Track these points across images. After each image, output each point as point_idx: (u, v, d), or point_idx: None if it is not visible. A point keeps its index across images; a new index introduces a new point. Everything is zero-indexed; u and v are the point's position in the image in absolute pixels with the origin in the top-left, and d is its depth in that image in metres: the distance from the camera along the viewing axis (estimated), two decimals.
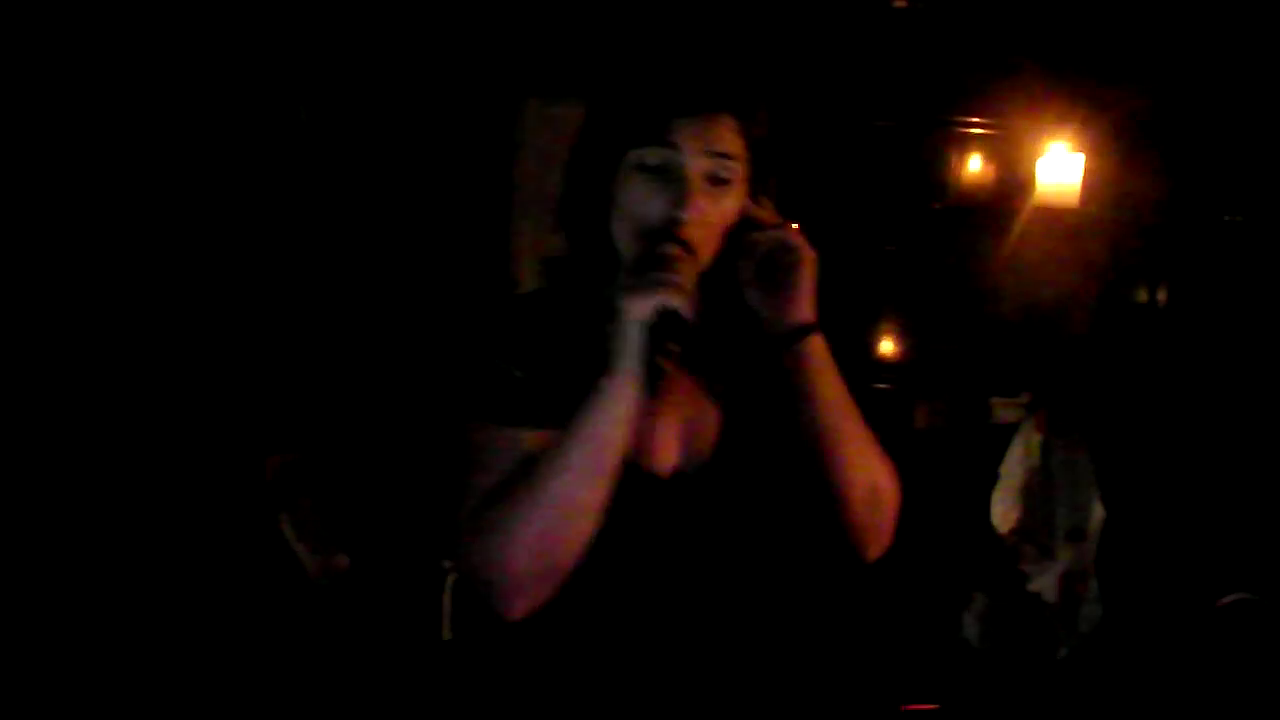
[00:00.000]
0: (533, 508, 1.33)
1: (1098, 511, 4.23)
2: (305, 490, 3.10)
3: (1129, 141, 5.03)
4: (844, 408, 1.47)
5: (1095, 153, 4.92)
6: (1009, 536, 4.37)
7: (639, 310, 1.32)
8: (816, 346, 1.46)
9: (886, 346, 5.61)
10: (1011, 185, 5.28)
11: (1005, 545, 4.36)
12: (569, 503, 1.33)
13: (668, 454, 1.46)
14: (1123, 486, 4.24)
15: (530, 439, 1.38)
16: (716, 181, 1.40)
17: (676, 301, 1.31)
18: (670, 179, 1.39)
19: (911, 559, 1.73)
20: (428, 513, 3.06)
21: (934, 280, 5.43)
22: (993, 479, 4.42)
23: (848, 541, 1.49)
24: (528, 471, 1.35)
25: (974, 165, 5.47)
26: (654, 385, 1.33)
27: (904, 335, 5.58)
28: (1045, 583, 4.28)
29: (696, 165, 1.39)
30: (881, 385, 5.37)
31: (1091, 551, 4.24)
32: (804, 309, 1.45)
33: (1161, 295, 5.24)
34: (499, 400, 1.41)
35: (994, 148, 5.43)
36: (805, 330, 1.45)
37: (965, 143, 5.44)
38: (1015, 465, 4.40)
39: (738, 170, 1.42)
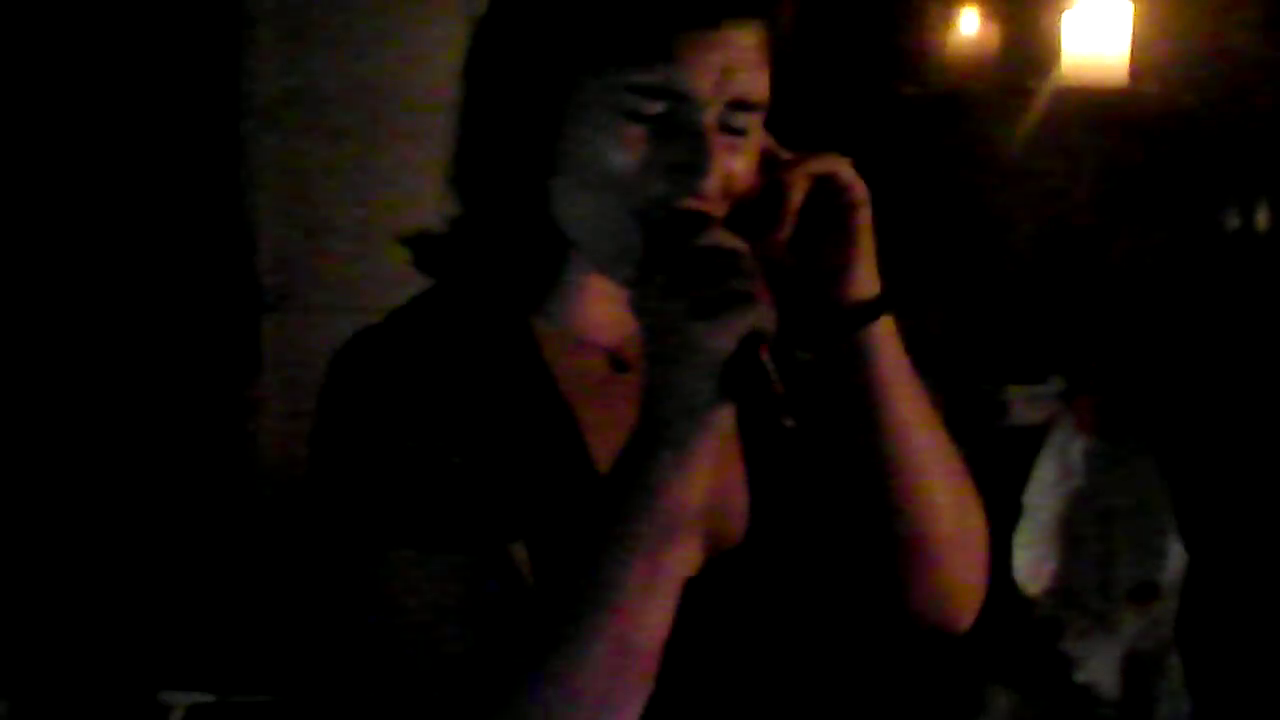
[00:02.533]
0: (596, 643, 1.35)
1: (1177, 555, 4.29)
2: None
3: None
4: (925, 416, 1.55)
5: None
6: (1043, 599, 4.41)
7: (721, 342, 1.31)
8: (887, 330, 1.51)
9: None
10: (1022, 54, 5.30)
11: (1038, 613, 4.40)
12: (640, 622, 1.36)
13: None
14: (1215, 514, 4.35)
15: (509, 560, 1.41)
16: (735, 130, 1.43)
17: (766, 320, 1.32)
18: (674, 130, 1.41)
19: (901, 642, 1.77)
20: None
21: (908, 206, 5.30)
22: (1014, 513, 4.44)
23: (933, 610, 1.60)
24: (568, 600, 1.36)
25: (966, 27, 5.47)
26: (774, 447, 1.45)
27: None
28: (1102, 668, 4.33)
29: (713, 112, 1.41)
30: None
31: (1170, 617, 4.31)
32: (868, 276, 1.50)
33: (1261, 219, 5.27)
34: (442, 511, 1.40)
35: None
36: (873, 308, 1.50)
37: None
38: (1047, 491, 4.45)
39: (763, 111, 1.45)
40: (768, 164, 1.48)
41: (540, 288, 1.51)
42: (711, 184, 1.40)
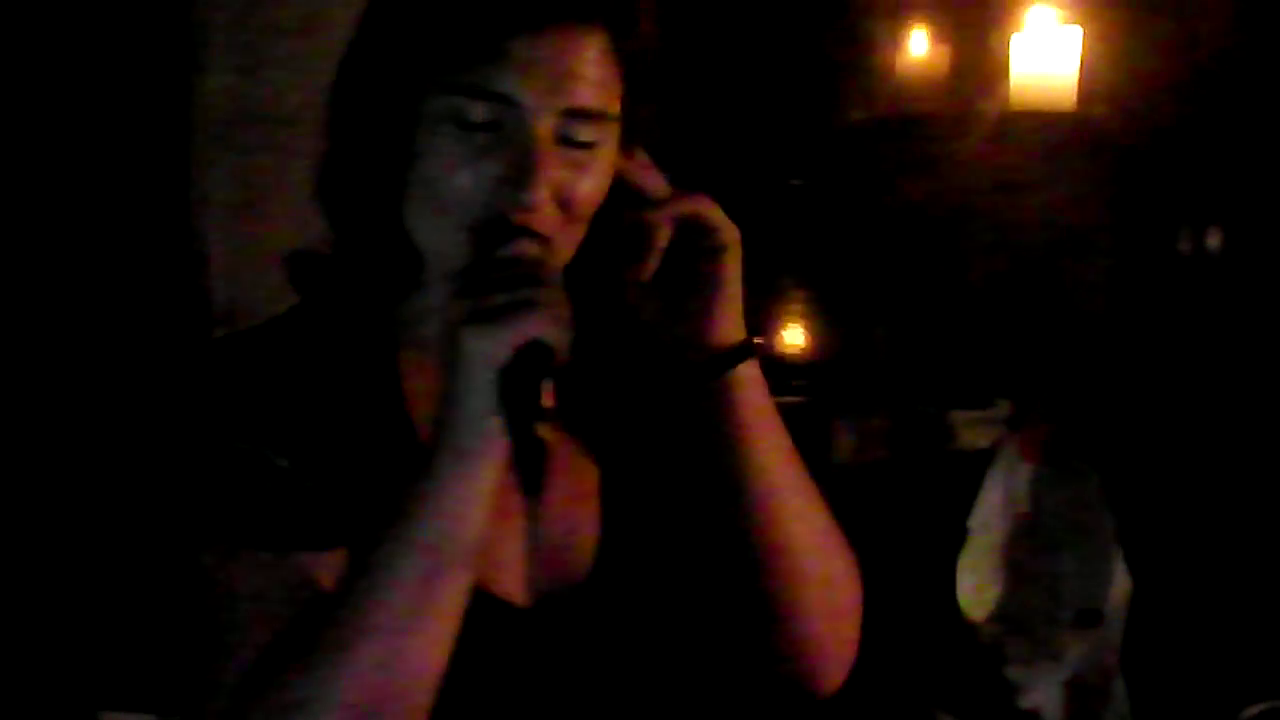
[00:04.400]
0: (349, 669, 1.32)
1: (1121, 580, 4.32)
2: None
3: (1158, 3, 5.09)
4: (790, 468, 1.53)
5: (1102, 22, 4.92)
6: (987, 625, 4.42)
7: (491, 349, 1.31)
8: (752, 377, 1.50)
9: (792, 335, 5.57)
10: (973, 79, 5.31)
11: (982, 639, 4.42)
12: (402, 651, 1.33)
13: (525, 570, 1.49)
14: (1160, 539, 4.40)
15: (316, 567, 1.39)
16: (577, 143, 1.41)
17: (550, 330, 1.32)
18: (504, 137, 1.39)
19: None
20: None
21: (862, 230, 5.39)
22: (960, 537, 4.47)
23: (795, 671, 1.55)
24: (327, 616, 1.34)
25: (915, 49, 5.48)
26: (531, 468, 1.34)
27: (818, 316, 5.55)
28: (1047, 694, 4.34)
29: (547, 122, 1.39)
30: (782, 398, 5.30)
31: (1115, 642, 4.33)
32: (732, 322, 1.49)
33: (1213, 242, 5.28)
34: (256, 510, 1.40)
35: (945, 21, 5.46)
36: (738, 353, 1.49)
37: (900, 16, 5.47)
38: (992, 516, 4.47)
39: (610, 125, 1.43)
40: (635, 201, 1.46)
41: (403, 306, 1.50)
42: (538, 197, 1.37)
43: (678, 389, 1.50)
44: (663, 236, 1.46)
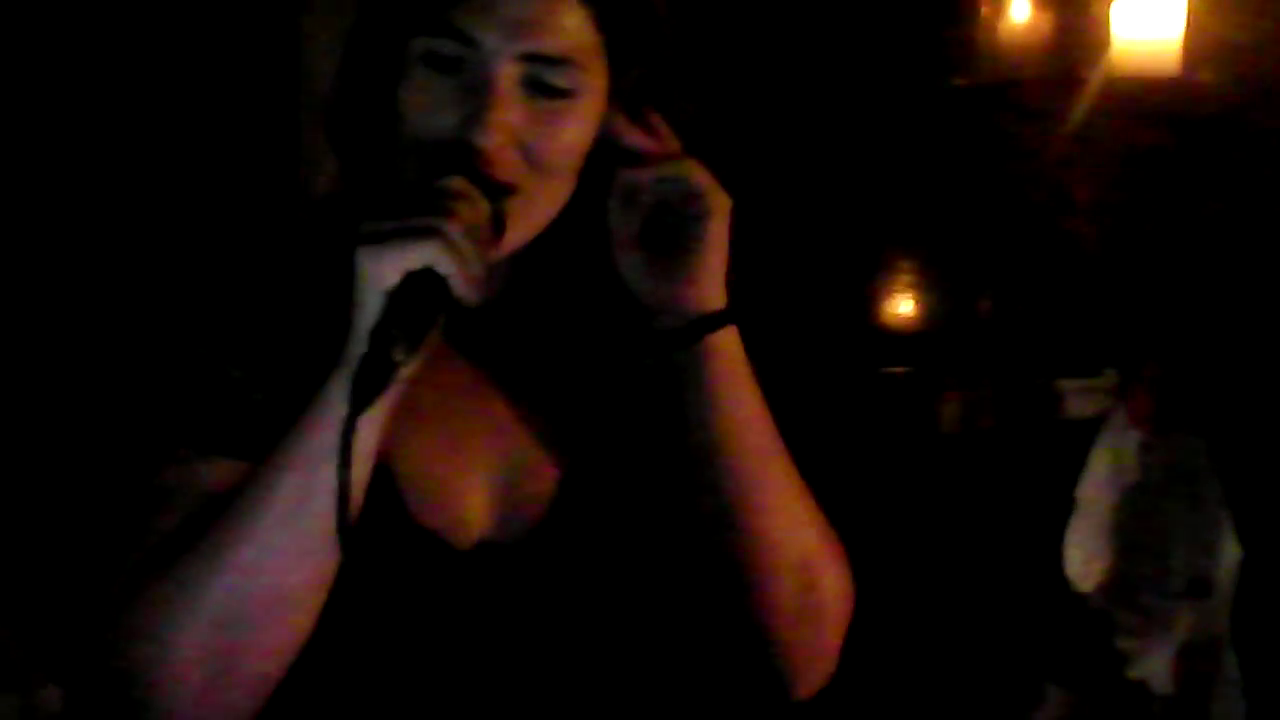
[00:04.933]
0: (204, 586, 1.34)
1: (1231, 550, 4.31)
2: None
3: None
4: (764, 442, 1.49)
5: None
6: (1095, 596, 4.42)
7: (380, 271, 1.30)
8: (727, 346, 1.47)
9: (894, 307, 5.60)
10: (1074, 44, 5.26)
11: (1090, 609, 4.42)
12: (255, 579, 1.33)
13: (474, 515, 1.48)
14: (1270, 508, 4.33)
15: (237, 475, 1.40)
16: (545, 90, 1.41)
17: (442, 260, 1.30)
18: (467, 80, 1.40)
19: (947, 633, 1.63)
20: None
21: (963, 199, 5.37)
22: (1067, 507, 4.46)
23: (763, 665, 1.50)
24: (210, 528, 1.35)
25: (1016, 14, 5.44)
26: (368, 391, 1.31)
27: (920, 287, 5.57)
28: (1156, 664, 4.35)
29: (507, 67, 1.39)
30: (889, 368, 5.35)
31: (1225, 612, 4.33)
32: (711, 288, 1.47)
33: None
34: (201, 415, 1.43)
35: None
36: (713, 321, 1.46)
37: None
38: (1101, 485, 4.47)
39: (582, 76, 1.42)
40: (624, 157, 1.46)
41: None
42: (492, 140, 1.38)
43: (651, 353, 1.49)
44: (645, 197, 1.46)
